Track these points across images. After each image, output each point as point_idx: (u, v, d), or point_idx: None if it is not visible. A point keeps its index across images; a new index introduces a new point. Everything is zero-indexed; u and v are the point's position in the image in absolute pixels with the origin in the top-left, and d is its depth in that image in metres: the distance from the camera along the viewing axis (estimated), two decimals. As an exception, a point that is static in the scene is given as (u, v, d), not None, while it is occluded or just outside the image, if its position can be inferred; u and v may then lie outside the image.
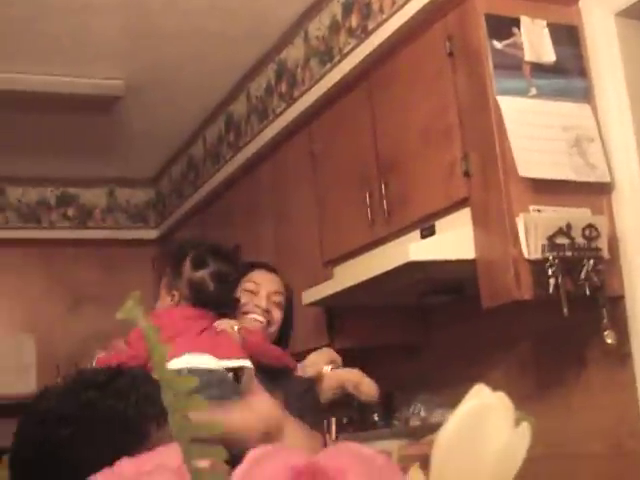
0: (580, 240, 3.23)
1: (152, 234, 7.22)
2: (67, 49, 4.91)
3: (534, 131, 3.33)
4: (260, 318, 2.93)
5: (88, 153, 6.52)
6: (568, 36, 3.49)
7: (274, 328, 2.99)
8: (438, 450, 0.62)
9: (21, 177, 6.90)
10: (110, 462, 1.29)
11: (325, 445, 2.67)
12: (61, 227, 7.05)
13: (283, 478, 0.50)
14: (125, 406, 1.35)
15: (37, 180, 6.96)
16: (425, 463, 0.65)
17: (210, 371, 2.44)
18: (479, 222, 3.36)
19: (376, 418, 4.55)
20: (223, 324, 2.72)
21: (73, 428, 1.34)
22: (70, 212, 7.10)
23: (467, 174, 3.40)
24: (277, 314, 3.00)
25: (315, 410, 2.80)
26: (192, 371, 2.55)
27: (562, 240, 3.20)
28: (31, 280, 6.74)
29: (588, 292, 3.21)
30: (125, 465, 0.68)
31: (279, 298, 3.01)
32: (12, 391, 6.53)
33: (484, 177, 3.33)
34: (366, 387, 3.12)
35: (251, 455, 0.51)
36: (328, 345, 4.39)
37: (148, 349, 0.52)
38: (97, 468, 1.30)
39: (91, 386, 1.39)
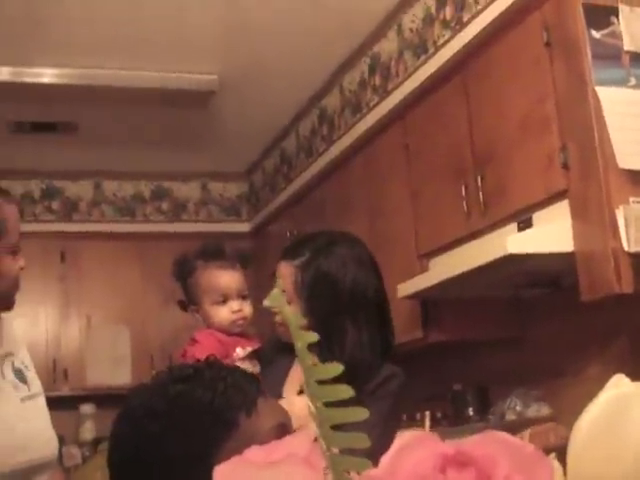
0: (682, 232, 3.17)
1: (245, 227, 7.28)
2: (163, 45, 4.97)
3: (634, 122, 3.27)
4: None
5: (182, 147, 6.59)
6: (669, 24, 3.43)
7: None
8: (577, 438, 0.61)
9: (117, 171, 7.00)
10: (201, 454, 1.30)
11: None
12: (155, 221, 7.14)
13: (432, 465, 0.50)
14: (213, 396, 1.35)
15: (132, 174, 7.06)
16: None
17: None
18: (578, 214, 3.32)
19: (471, 412, 4.52)
20: None
21: (162, 423, 1.34)
22: (164, 206, 7.18)
23: (565, 166, 3.36)
24: None
25: None
26: None
27: (664, 232, 3.15)
28: (126, 273, 6.83)
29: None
30: (254, 453, 0.68)
31: None
32: (108, 382, 6.64)
33: (583, 168, 3.29)
34: None
35: (399, 442, 0.51)
36: (422, 339, 4.39)
37: (290, 335, 0.52)
38: (188, 461, 1.31)
39: (179, 380, 1.40)
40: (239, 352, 2.95)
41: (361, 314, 2.60)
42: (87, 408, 6.71)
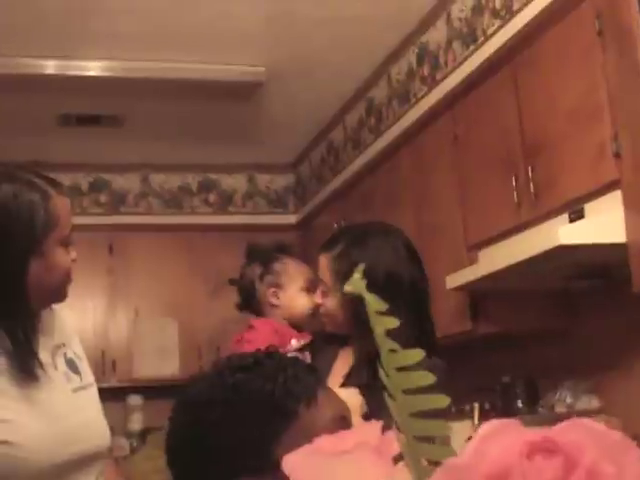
0: None
1: (292, 219, 7.28)
2: (210, 37, 4.98)
3: (688, 110, 3.23)
4: None
5: (229, 139, 6.60)
6: None
7: None
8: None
9: (164, 164, 7.03)
10: (259, 443, 1.31)
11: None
12: (202, 213, 7.16)
13: (518, 452, 0.49)
14: (273, 387, 1.36)
15: (179, 166, 7.09)
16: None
17: None
18: (631, 205, 3.28)
19: (520, 404, 4.50)
20: None
21: (222, 411, 1.35)
22: (211, 198, 7.21)
23: (618, 155, 3.32)
24: None
25: None
26: None
27: None
28: (173, 265, 6.86)
29: None
30: (325, 442, 0.67)
31: None
32: (156, 373, 6.68)
33: (635, 158, 3.24)
34: None
35: (484, 429, 0.50)
36: (471, 331, 4.36)
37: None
38: (247, 450, 1.32)
39: (239, 369, 1.40)
40: (294, 343, 3.00)
41: (396, 304, 2.57)
42: (135, 399, 6.76)
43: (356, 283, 0.50)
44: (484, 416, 4.38)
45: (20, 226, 2.05)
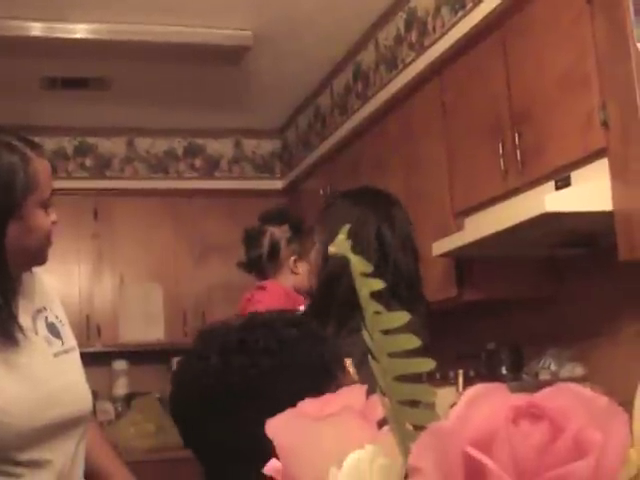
0: None
1: (278, 185, 7.27)
2: (197, 0, 4.94)
3: (676, 79, 3.22)
4: None
5: (215, 104, 6.57)
6: None
7: None
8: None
9: (149, 128, 7.00)
10: (311, 393, 1.33)
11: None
12: (188, 177, 7.14)
13: (503, 417, 0.48)
14: (323, 349, 1.43)
15: (165, 131, 7.06)
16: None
17: None
18: (617, 173, 3.28)
19: (504, 371, 4.51)
20: None
21: (276, 360, 1.40)
22: (197, 163, 7.18)
23: (605, 124, 3.31)
24: None
25: None
26: None
27: None
28: (158, 230, 6.85)
29: None
30: (310, 405, 0.67)
31: None
32: (141, 339, 6.69)
33: (623, 127, 3.24)
34: None
35: (469, 393, 0.49)
36: (456, 297, 4.37)
37: (354, 283, 0.50)
38: (292, 403, 1.34)
39: (291, 325, 1.46)
40: (301, 309, 3.05)
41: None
42: (120, 364, 6.77)
43: (340, 244, 0.50)
44: (468, 383, 4.39)
45: None
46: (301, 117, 6.82)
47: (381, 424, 0.61)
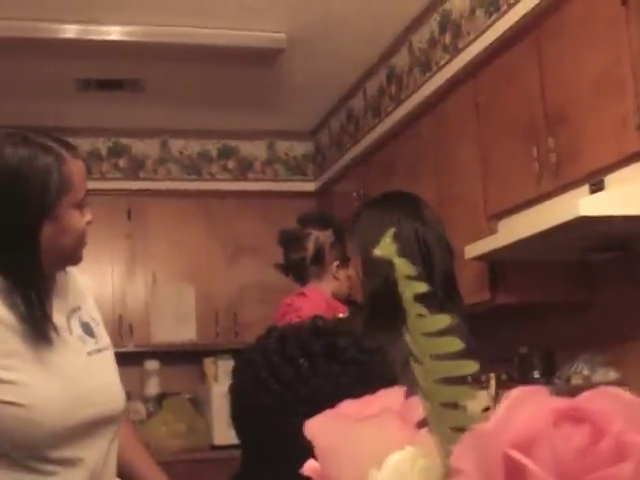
0: None
1: (311, 186, 7.27)
2: (231, 2, 4.96)
3: None
4: None
5: (249, 106, 6.59)
6: None
7: None
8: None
9: (183, 129, 7.03)
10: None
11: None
12: (221, 179, 7.16)
13: (544, 420, 0.49)
14: (384, 355, 1.45)
15: (199, 132, 7.08)
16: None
17: None
18: (652, 177, 3.27)
19: (536, 375, 4.50)
20: None
21: (363, 370, 1.41)
22: (230, 164, 7.20)
23: (640, 127, 3.30)
24: None
25: None
26: None
27: None
28: (191, 231, 6.87)
29: None
30: (349, 406, 0.67)
31: None
32: (173, 339, 6.71)
33: (659, 130, 3.23)
34: None
35: (510, 396, 0.50)
36: (489, 301, 4.36)
37: (400, 288, 0.51)
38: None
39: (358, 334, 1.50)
40: (341, 317, 3.06)
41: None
42: (152, 364, 6.79)
43: (385, 247, 0.50)
44: (500, 387, 4.38)
45: (34, 190, 2.05)
46: (334, 119, 6.82)
47: (420, 426, 0.62)
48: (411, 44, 5.36)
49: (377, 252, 0.51)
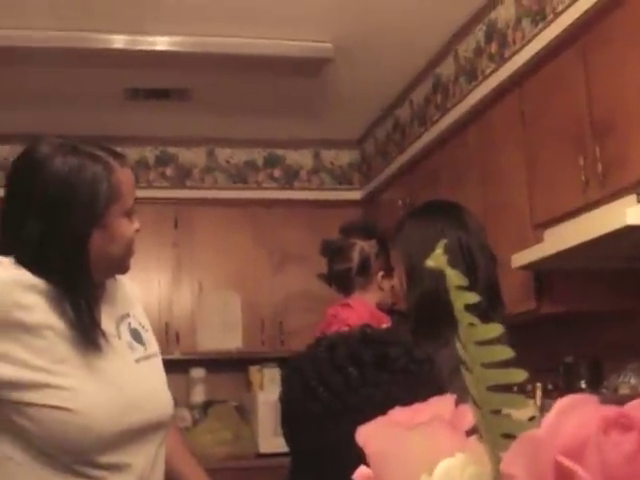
0: None
1: (357, 195, 7.27)
2: (278, 12, 4.98)
3: None
4: None
5: (295, 115, 6.61)
6: None
7: None
8: None
9: (230, 138, 7.06)
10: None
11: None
12: (268, 187, 7.19)
13: (594, 427, 0.50)
14: (432, 365, 1.46)
15: (245, 141, 7.11)
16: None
17: None
18: (700, 186, 3.24)
19: (583, 385, 4.47)
20: None
21: (412, 380, 1.42)
22: (277, 173, 7.23)
23: (688, 136, 3.28)
24: None
25: None
26: None
27: None
28: (238, 239, 6.89)
29: None
30: (400, 414, 0.68)
31: None
32: (219, 347, 6.73)
33: None
34: None
35: (560, 404, 0.51)
36: (535, 310, 4.34)
37: (451, 296, 0.52)
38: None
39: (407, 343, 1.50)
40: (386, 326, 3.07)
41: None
42: (198, 372, 6.82)
43: (437, 258, 0.51)
44: (546, 396, 4.36)
45: (83, 198, 2.07)
46: (380, 128, 6.83)
47: (469, 433, 0.63)
48: (457, 53, 5.36)
49: (428, 263, 0.52)
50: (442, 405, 0.68)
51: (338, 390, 1.42)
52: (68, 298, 2.06)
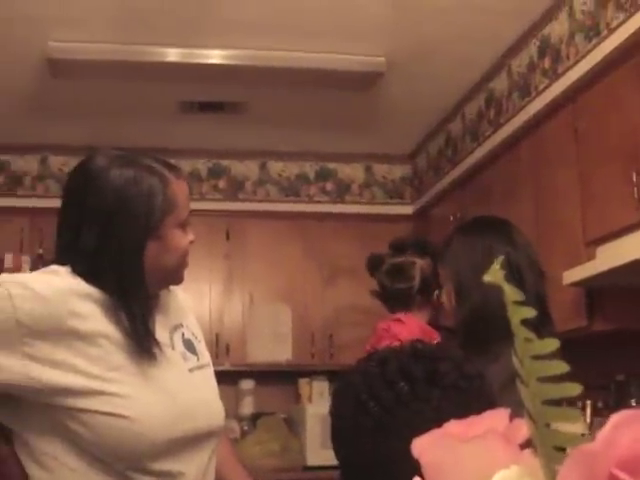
0: None
1: (408, 210, 7.27)
2: (331, 26, 5.01)
3: None
4: None
5: (347, 128, 6.64)
6: None
7: None
8: None
9: (282, 151, 7.10)
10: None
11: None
12: (319, 201, 7.21)
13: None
14: (482, 380, 1.46)
15: (297, 154, 7.15)
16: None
17: None
18: None
19: (634, 403, 4.44)
20: None
21: (462, 397, 1.43)
22: (328, 186, 7.25)
23: None
24: None
25: None
26: None
27: None
28: (289, 252, 6.92)
29: None
30: (454, 427, 0.69)
31: None
32: (269, 359, 6.76)
33: None
34: None
35: (615, 418, 0.52)
36: (587, 327, 4.32)
37: (508, 311, 0.53)
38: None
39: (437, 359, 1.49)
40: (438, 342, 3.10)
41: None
42: (247, 383, 6.85)
43: (495, 274, 0.53)
44: (596, 414, 4.34)
45: (139, 210, 2.10)
46: (432, 143, 6.83)
47: (523, 447, 0.64)
48: (510, 68, 5.35)
49: (486, 278, 0.53)
50: (496, 418, 0.69)
51: (389, 405, 1.43)
52: (123, 307, 2.09)
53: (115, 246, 2.10)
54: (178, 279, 2.25)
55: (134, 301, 2.10)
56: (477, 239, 2.72)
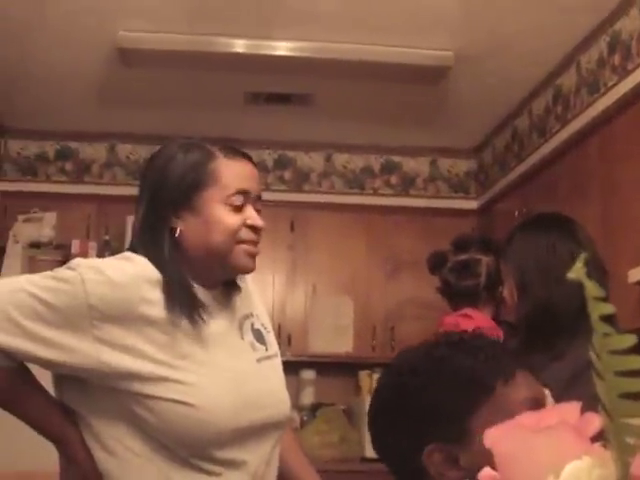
0: None
1: (472, 204, 7.25)
2: (400, 20, 5.00)
3: None
4: None
5: (413, 122, 6.63)
6: None
7: None
8: None
9: (348, 144, 7.11)
10: (455, 412, 1.42)
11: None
12: (384, 194, 7.20)
13: None
14: (473, 362, 1.47)
15: (362, 147, 7.15)
16: None
17: None
18: None
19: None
20: None
21: (424, 379, 1.47)
22: (393, 180, 7.24)
23: None
24: None
25: None
26: None
27: None
28: (352, 244, 6.93)
29: None
30: (526, 418, 0.71)
31: None
32: (330, 350, 6.78)
33: None
34: None
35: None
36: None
37: (588, 306, 0.55)
38: (444, 417, 1.43)
39: (444, 344, 1.53)
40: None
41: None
42: (308, 374, 6.87)
43: (578, 271, 0.54)
44: None
45: (174, 180, 2.15)
46: (498, 138, 6.79)
47: (594, 440, 0.65)
48: (579, 64, 5.30)
49: (570, 275, 0.55)
50: (567, 411, 0.70)
51: (394, 398, 1.52)
52: (187, 293, 2.12)
53: (151, 216, 2.16)
54: (241, 266, 2.21)
55: (173, 273, 2.12)
56: (541, 236, 2.73)
